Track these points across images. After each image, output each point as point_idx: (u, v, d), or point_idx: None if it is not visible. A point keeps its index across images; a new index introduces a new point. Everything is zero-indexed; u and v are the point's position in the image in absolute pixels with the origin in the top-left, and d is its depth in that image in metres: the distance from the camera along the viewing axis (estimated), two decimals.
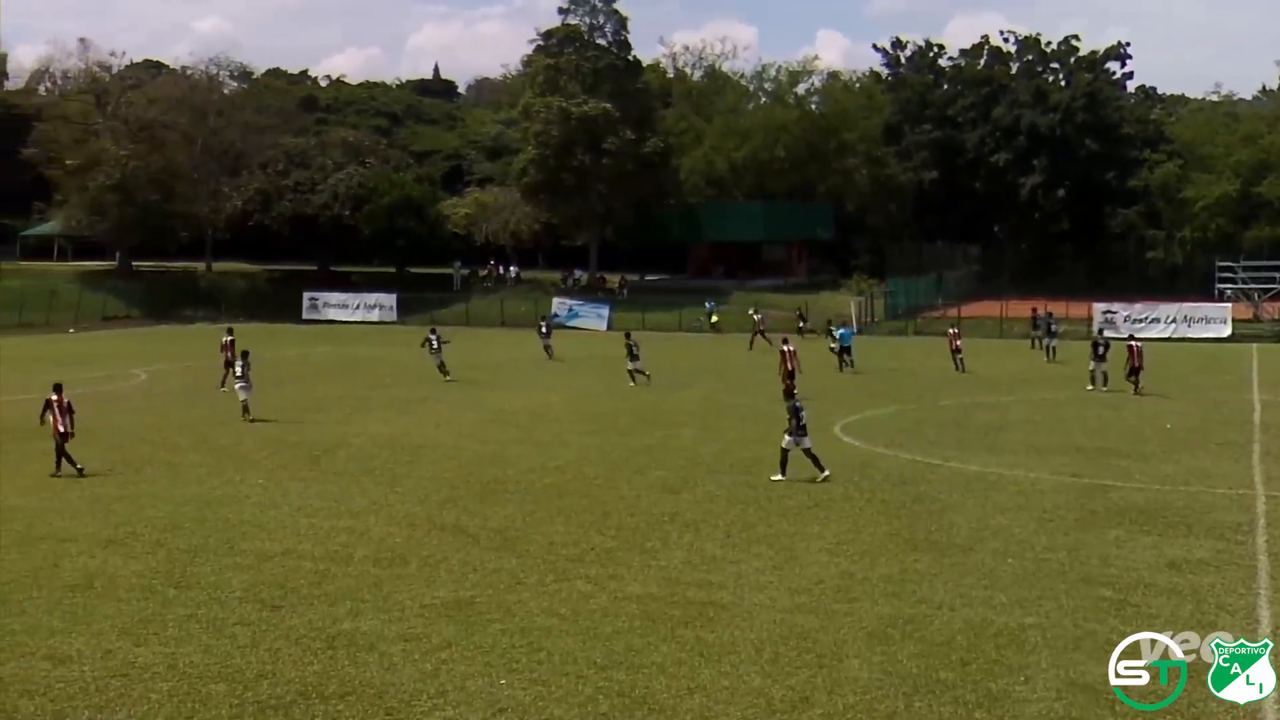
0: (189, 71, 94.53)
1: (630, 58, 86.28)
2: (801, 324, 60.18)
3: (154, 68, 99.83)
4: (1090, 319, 61.50)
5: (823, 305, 69.61)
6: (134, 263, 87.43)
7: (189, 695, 12.75)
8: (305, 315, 77.76)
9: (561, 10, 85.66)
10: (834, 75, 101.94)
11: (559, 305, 75.28)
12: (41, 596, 16.21)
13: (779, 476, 23.80)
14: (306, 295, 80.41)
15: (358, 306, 79.60)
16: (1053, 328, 51.91)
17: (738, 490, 23.31)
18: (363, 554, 18.48)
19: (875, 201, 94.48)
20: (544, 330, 54.66)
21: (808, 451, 23.95)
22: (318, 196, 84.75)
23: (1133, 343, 39.44)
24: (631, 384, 41.48)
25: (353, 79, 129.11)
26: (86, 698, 12.71)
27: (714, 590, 16.53)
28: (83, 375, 44.83)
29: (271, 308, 76.92)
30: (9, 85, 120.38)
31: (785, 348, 37.81)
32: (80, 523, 20.61)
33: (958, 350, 46.41)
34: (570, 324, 71.91)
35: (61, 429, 24.70)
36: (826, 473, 23.77)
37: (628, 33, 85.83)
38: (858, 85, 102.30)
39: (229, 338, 41.01)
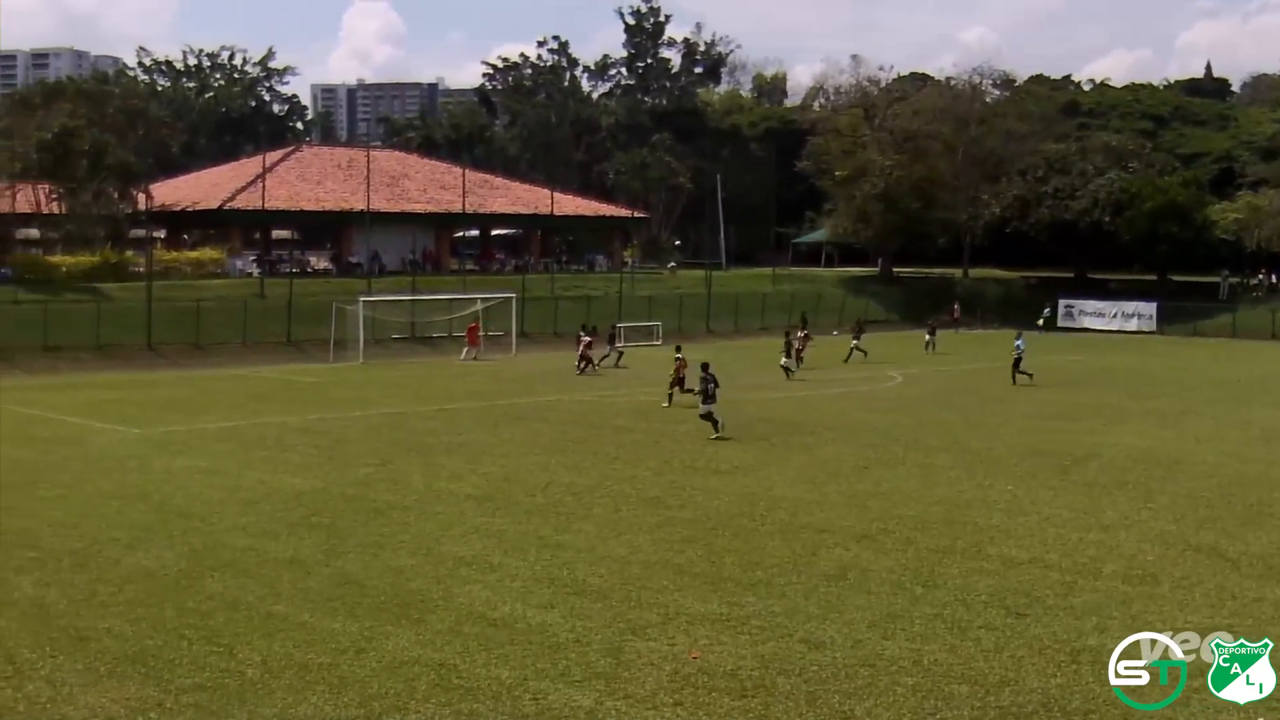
0: (952, 82, 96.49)
1: None
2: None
3: (919, 80, 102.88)
4: None
5: None
6: (894, 269, 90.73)
7: (932, 693, 12.97)
8: (1060, 322, 76.91)
9: None
10: None
11: None
12: (800, 583, 17.16)
13: (715, 435, 29.69)
14: (1062, 302, 79.60)
15: (1115, 315, 77.60)
16: None
17: None
18: (1111, 569, 17.93)
19: None
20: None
21: (709, 415, 30.13)
22: (1077, 202, 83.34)
23: None
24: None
25: (1117, 82, 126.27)
26: (836, 683, 13.25)
27: None
28: (843, 376, 47.29)
29: (1025, 314, 76.58)
30: (788, 103, 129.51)
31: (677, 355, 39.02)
32: (837, 515, 21.62)
33: None
34: None
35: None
36: (719, 435, 29.71)
37: None
38: None
39: (586, 336, 47.91)
